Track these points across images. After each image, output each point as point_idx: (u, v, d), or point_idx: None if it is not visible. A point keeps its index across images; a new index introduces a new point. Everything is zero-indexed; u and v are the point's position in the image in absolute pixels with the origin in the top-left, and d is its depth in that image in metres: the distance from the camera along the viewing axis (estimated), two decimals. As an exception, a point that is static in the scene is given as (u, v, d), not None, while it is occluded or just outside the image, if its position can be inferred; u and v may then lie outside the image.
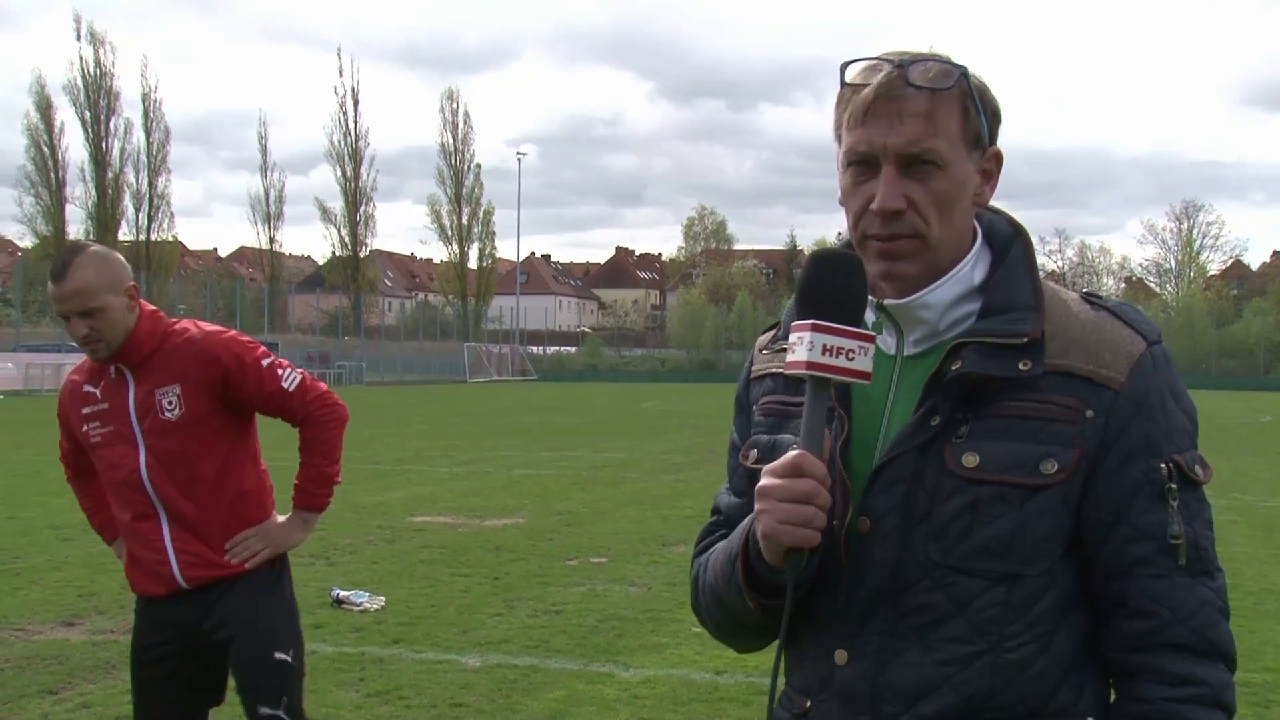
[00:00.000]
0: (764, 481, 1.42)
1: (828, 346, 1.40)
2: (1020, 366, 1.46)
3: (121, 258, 3.32)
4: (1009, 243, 1.56)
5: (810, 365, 1.41)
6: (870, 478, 1.50)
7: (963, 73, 1.49)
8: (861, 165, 1.49)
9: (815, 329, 1.41)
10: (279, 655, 3.32)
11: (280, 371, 3.35)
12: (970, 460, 1.45)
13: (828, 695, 1.54)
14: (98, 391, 3.32)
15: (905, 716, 1.47)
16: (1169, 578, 1.46)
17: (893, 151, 1.46)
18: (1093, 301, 1.56)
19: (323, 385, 3.50)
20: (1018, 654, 1.45)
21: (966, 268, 1.53)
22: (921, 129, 1.45)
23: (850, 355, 1.41)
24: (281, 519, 3.43)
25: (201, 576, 3.30)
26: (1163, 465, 1.46)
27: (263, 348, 3.40)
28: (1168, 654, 1.45)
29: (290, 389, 3.36)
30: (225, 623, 3.32)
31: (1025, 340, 1.46)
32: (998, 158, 1.55)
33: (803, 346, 1.41)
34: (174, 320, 3.38)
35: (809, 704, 1.57)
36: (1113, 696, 1.53)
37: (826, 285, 1.44)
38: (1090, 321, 1.51)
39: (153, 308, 3.33)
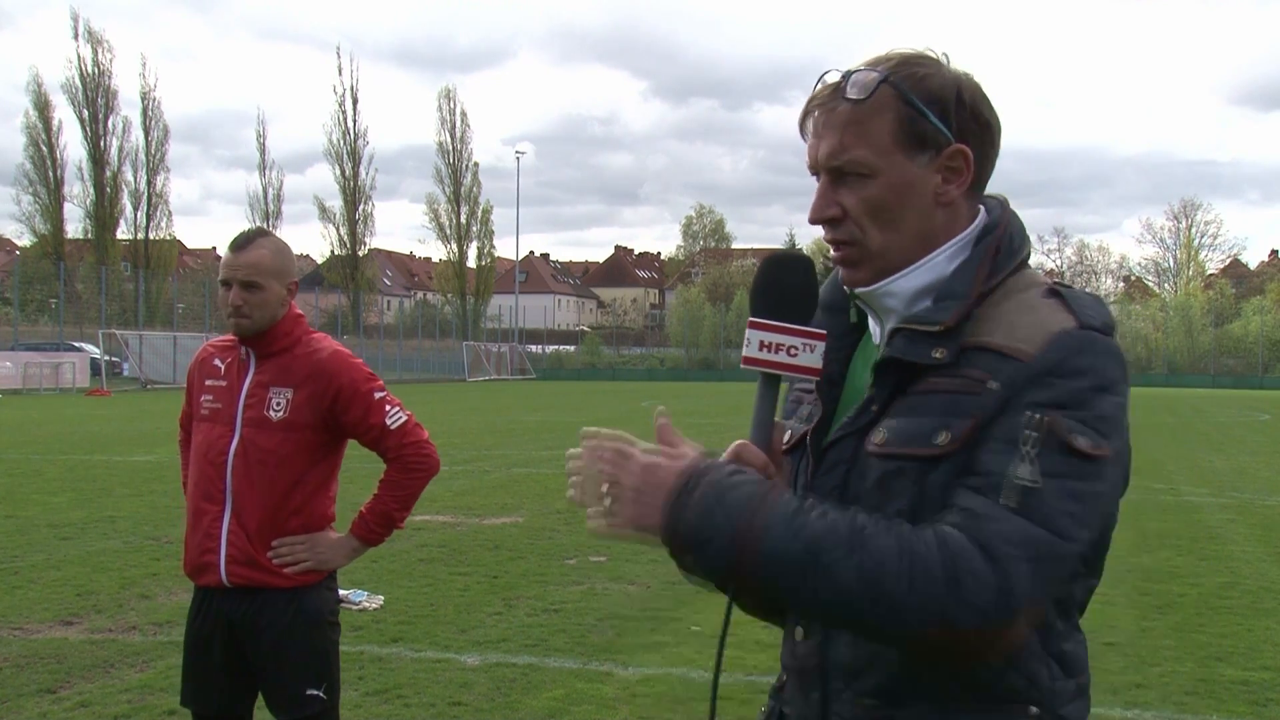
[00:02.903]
0: None
1: (765, 343, 1.50)
2: (934, 354, 1.46)
3: (294, 256, 3.51)
4: (986, 235, 1.55)
5: (746, 360, 1.52)
6: (817, 460, 1.55)
7: (886, 78, 1.49)
8: (815, 177, 1.56)
9: (752, 326, 1.51)
10: (311, 692, 3.34)
11: (388, 408, 3.43)
12: (879, 437, 1.48)
13: (792, 669, 1.60)
14: (223, 367, 3.46)
15: (846, 692, 1.51)
16: (985, 498, 1.37)
17: (821, 165, 1.53)
18: (1051, 290, 1.51)
19: (425, 432, 3.53)
20: None
21: (940, 258, 1.53)
22: (838, 141, 1.50)
23: (792, 351, 1.50)
24: (334, 536, 3.45)
25: (245, 577, 3.33)
26: (1032, 414, 1.38)
27: (380, 381, 3.49)
28: (952, 525, 1.36)
29: (392, 427, 3.43)
30: (262, 641, 3.34)
31: (939, 328, 1.46)
32: (963, 155, 1.51)
33: (745, 343, 1.52)
34: (313, 330, 3.50)
35: (784, 678, 1.64)
36: (1063, 675, 1.49)
37: (768, 286, 1.52)
38: (1029, 305, 1.47)
39: (300, 312, 3.47)
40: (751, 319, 1.50)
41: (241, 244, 3.35)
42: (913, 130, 1.49)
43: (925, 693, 1.45)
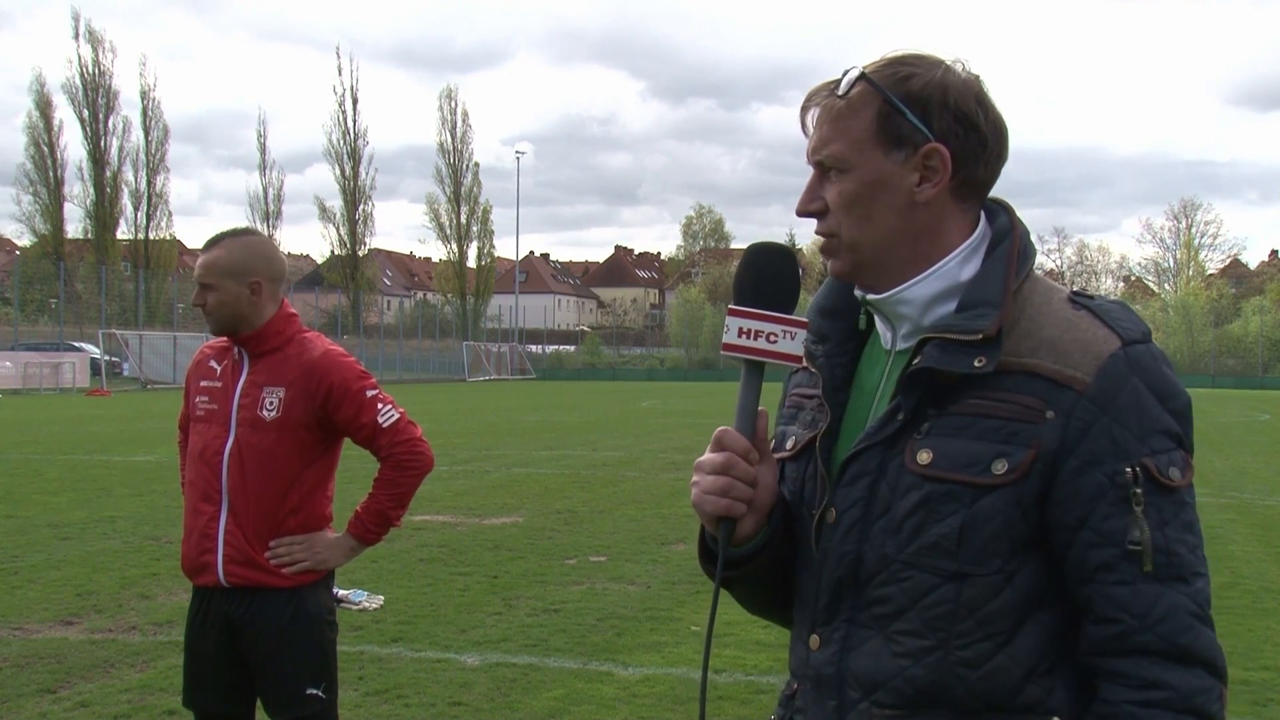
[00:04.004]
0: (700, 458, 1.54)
1: (744, 329, 1.50)
2: (975, 364, 1.45)
3: (272, 255, 3.47)
4: (1000, 240, 1.56)
5: (726, 347, 1.52)
6: (839, 470, 1.55)
7: (864, 75, 1.51)
8: None
9: (731, 313, 1.51)
10: (309, 691, 3.33)
11: (380, 406, 3.43)
12: (924, 457, 1.47)
13: (805, 678, 1.59)
14: (218, 369, 3.46)
15: (864, 703, 1.50)
16: (1133, 584, 1.42)
17: (808, 159, 1.57)
18: (1077, 300, 1.52)
19: (418, 430, 3.52)
20: (969, 652, 1.45)
21: (952, 264, 1.53)
22: (820, 136, 1.54)
23: (772, 338, 1.50)
24: (331, 536, 3.44)
25: (242, 577, 3.33)
26: (1128, 469, 1.42)
27: (373, 379, 3.49)
28: (1135, 659, 1.42)
29: (384, 425, 3.43)
30: (260, 640, 3.33)
31: (980, 337, 1.46)
32: (940, 154, 1.50)
33: (724, 330, 1.52)
34: (307, 329, 3.51)
35: (795, 685, 1.63)
36: None
37: (749, 275, 1.52)
38: (1065, 320, 1.48)
39: (293, 311, 3.48)
40: (730, 307, 1.51)
41: (206, 245, 3.39)
42: (889, 127, 1.50)
43: (946, 705, 1.46)
